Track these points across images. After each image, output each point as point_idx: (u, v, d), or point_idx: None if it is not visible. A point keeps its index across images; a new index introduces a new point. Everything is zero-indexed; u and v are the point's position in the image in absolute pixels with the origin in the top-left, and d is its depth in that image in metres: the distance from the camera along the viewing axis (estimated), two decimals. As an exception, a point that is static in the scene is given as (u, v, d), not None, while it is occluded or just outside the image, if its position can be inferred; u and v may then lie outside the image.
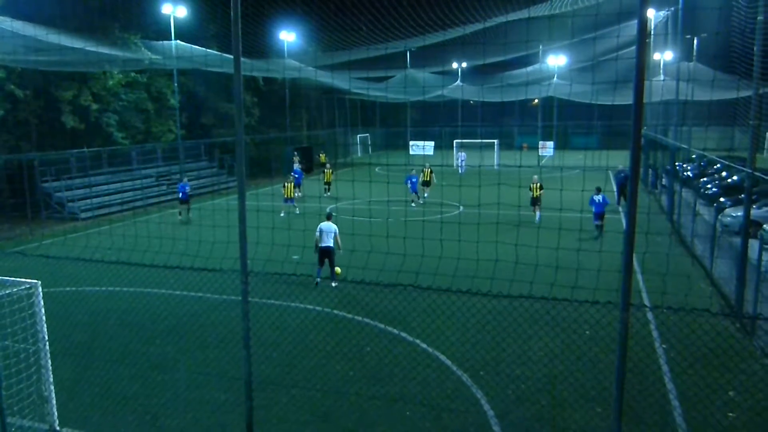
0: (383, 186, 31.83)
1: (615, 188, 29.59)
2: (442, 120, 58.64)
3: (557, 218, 16.45)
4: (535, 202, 22.09)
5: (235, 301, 12.21)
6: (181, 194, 24.66)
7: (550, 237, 16.54)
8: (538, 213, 21.68)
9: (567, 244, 16.15)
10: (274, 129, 44.63)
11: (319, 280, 14.62)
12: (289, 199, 24.38)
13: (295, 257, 15.91)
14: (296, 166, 34.52)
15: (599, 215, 19.62)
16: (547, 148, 52.55)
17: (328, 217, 15.96)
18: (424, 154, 49.04)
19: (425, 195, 28.34)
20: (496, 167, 42.54)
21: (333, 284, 14.51)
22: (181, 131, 33.47)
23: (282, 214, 22.44)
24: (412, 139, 57.25)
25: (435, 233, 10.06)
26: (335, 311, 12.58)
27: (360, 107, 60.55)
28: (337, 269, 14.83)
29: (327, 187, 30.70)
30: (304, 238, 10.02)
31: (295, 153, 38.96)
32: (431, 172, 29.36)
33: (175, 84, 32.14)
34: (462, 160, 42.48)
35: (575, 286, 8.73)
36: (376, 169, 45.85)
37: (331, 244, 15.09)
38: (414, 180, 28.87)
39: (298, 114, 49.49)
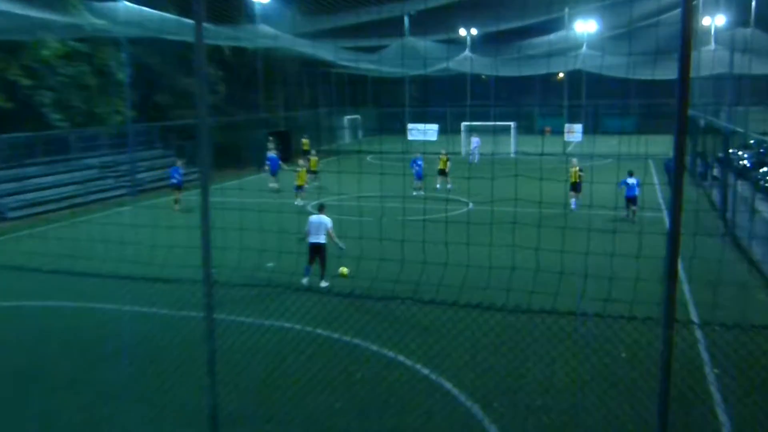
0: (376, 178, 31.62)
1: (666, 179, 29.61)
2: (448, 99, 58.69)
3: (586, 217, 16.50)
4: (575, 188, 23.92)
5: (197, 318, 12.18)
6: (174, 180, 27.27)
7: (577, 239, 16.57)
8: (573, 200, 23.13)
9: (598, 247, 16.18)
10: (244, 110, 44.57)
11: (305, 280, 14.90)
12: (299, 187, 27.46)
13: (269, 264, 15.88)
14: (271, 152, 34.69)
15: (632, 199, 20.74)
16: (574, 133, 52.71)
17: (320, 209, 16.31)
18: (425, 140, 49.14)
19: (448, 186, 30.15)
20: (512, 155, 42.64)
21: (322, 284, 14.86)
22: (130, 112, 33.36)
23: (298, 202, 26.49)
24: (410, 122, 57.26)
25: (439, 235, 10.07)
26: (318, 330, 12.57)
27: (348, 83, 60.57)
28: (344, 269, 15.15)
29: (313, 176, 31.57)
30: (281, 241, 10.02)
31: (270, 138, 38.94)
32: (447, 159, 30.46)
33: (124, 55, 32.04)
34: (475, 147, 42.64)
35: (608, 298, 8.76)
36: (368, 158, 45.80)
37: (323, 241, 15.54)
38: (420, 163, 30.32)
39: (274, 92, 49.42)
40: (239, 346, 11.38)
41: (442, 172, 30.68)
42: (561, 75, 61.40)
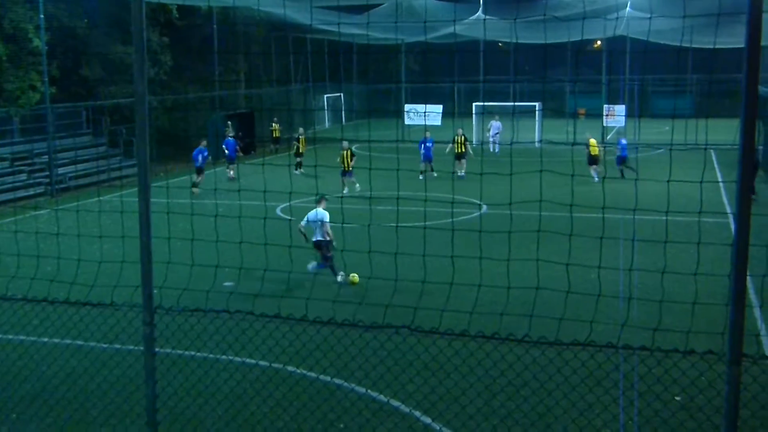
0: (363, 173, 31.77)
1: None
2: (455, 72, 58.77)
3: (630, 222, 16.56)
4: (594, 160, 26.50)
5: (135, 353, 12.15)
6: (200, 160, 31.64)
7: (619, 252, 16.63)
8: (594, 172, 25.54)
9: (646, 262, 16.26)
10: (196, 86, 44.55)
11: (311, 266, 17.95)
12: (347, 172, 30.85)
13: (227, 284, 15.84)
14: (229, 135, 35.03)
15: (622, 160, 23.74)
16: (615, 116, 52.94)
17: (319, 202, 17.24)
18: (426, 124, 49.26)
19: (461, 173, 33.31)
20: (537, 144, 42.79)
21: (338, 278, 16.06)
22: (50, 89, 33.27)
23: (345, 191, 29.38)
24: (408, 102, 57.37)
25: (443, 246, 10.06)
26: (290, 367, 12.54)
27: (328, 53, 60.62)
28: (354, 277, 16.10)
29: (298, 162, 33.40)
30: (241, 253, 9.99)
31: (229, 123, 38.97)
32: (465, 140, 32.35)
33: (41, 16, 31.97)
34: (495, 134, 42.92)
35: (659, 327, 8.77)
36: (353, 148, 45.86)
37: (320, 237, 16.74)
38: (429, 144, 32.09)
39: (233, 63, 49.44)
40: (188, 389, 11.35)
41: (460, 156, 33.87)
42: (599, 43, 61.62)
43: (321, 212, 17.81)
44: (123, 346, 12.87)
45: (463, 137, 34.43)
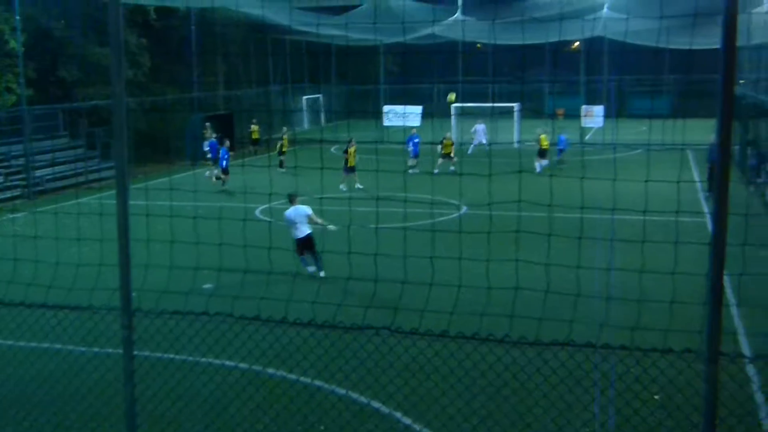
0: (341, 175, 31.86)
1: (707, 171, 30.01)
2: (434, 73, 58.90)
3: (608, 223, 16.64)
4: (542, 154, 29.42)
5: (114, 356, 12.06)
6: (222, 161, 32.41)
7: (598, 252, 16.68)
8: (538, 164, 27.81)
9: (624, 261, 16.33)
10: (174, 88, 44.37)
11: (311, 269, 18.05)
12: (349, 169, 31.19)
13: (206, 286, 15.78)
14: (211, 137, 34.97)
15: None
16: (593, 116, 53.21)
17: (292, 200, 17.21)
18: (405, 126, 49.28)
19: (451, 168, 35.67)
20: (516, 145, 42.89)
21: (321, 274, 16.23)
22: (26, 91, 33.01)
23: (341, 187, 30.31)
24: (387, 103, 57.39)
25: (423, 247, 10.08)
26: (270, 370, 12.50)
27: (307, 54, 60.56)
28: (452, 95, 17.09)
29: (281, 160, 34.16)
30: (221, 255, 9.96)
31: (207, 124, 38.81)
32: (452, 144, 34.00)
33: (17, 17, 31.72)
34: (480, 136, 43.32)
35: (637, 326, 8.81)
36: (332, 149, 45.70)
37: (308, 231, 16.98)
38: (417, 141, 36.95)
39: (211, 65, 49.26)
40: (167, 392, 11.29)
41: (447, 156, 36.00)
42: (577, 44, 61.95)
43: (302, 207, 17.94)
44: (101, 349, 12.77)
45: (451, 141, 36.71)
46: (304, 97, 60.38)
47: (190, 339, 12.76)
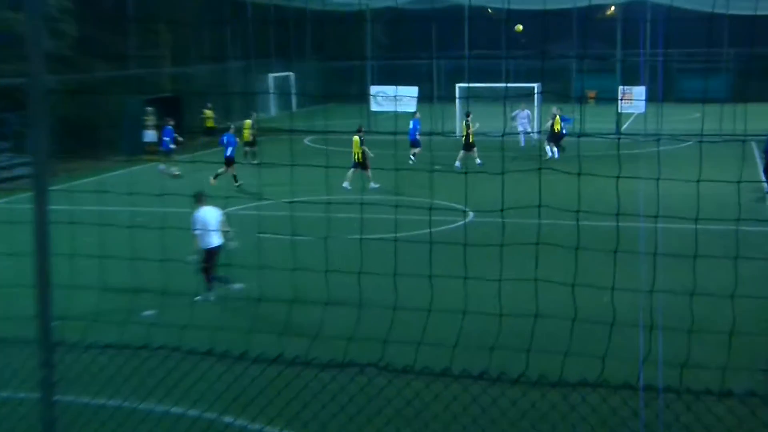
0: (319, 174, 31.37)
1: (761, 168, 30.13)
2: (433, 46, 58.95)
3: (652, 233, 16.64)
4: (555, 138, 30.38)
5: (28, 401, 12.01)
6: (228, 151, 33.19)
7: (637, 268, 16.68)
8: (548, 148, 28.60)
9: (671, 281, 16.36)
10: (107, 63, 44.28)
11: (237, 287, 17.26)
12: (358, 164, 32.42)
13: (147, 313, 15.74)
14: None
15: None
16: (632, 100, 53.36)
17: (199, 200, 17.10)
18: (397, 111, 49.29)
19: (477, 161, 37.09)
20: (535, 135, 43.03)
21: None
22: None
23: (345, 185, 31.57)
24: (375, 83, 57.43)
25: (419, 263, 10.06)
26: (228, 418, 12.47)
27: (275, 23, 60.56)
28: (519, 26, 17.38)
29: (248, 149, 34.80)
30: (165, 273, 9.94)
31: (149, 109, 38.80)
32: (470, 126, 37.68)
33: None
34: (524, 123, 43.81)
35: (687, 363, 8.84)
36: (306, 141, 45.61)
37: (222, 240, 16.81)
38: (418, 126, 38.85)
39: (154, 35, 49.18)
40: (98, 447, 11.26)
41: (469, 147, 37.11)
42: (612, 9, 62.14)
43: (212, 210, 17.98)
44: (13, 393, 12.72)
45: (470, 123, 38.02)
46: (271, 76, 60.38)
47: (127, 379, 12.74)
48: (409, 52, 63.53)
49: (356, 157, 31.40)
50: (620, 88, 53.28)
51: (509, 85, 52.26)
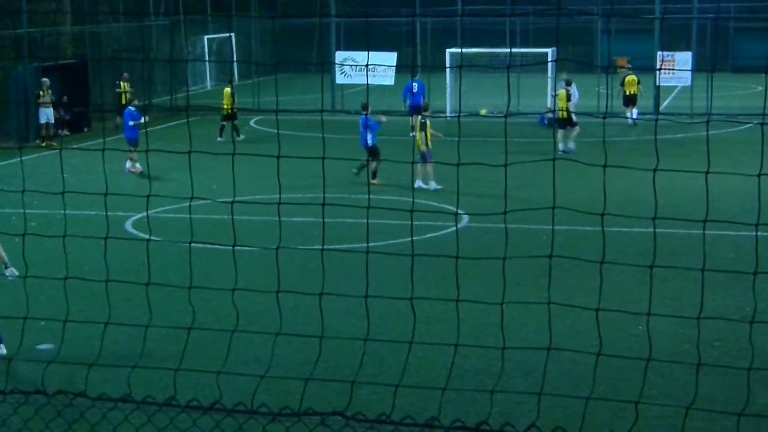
0: (267, 165, 31.10)
1: None
2: (417, 1, 59.06)
3: (698, 239, 16.67)
4: (631, 101, 30.50)
5: None
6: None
7: (677, 286, 16.69)
8: (630, 113, 29.12)
9: (724, 303, 16.35)
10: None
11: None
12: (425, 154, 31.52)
13: (43, 347, 15.70)
14: (132, 107, 34.98)
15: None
16: (674, 70, 53.31)
17: None
18: (372, 84, 49.16)
19: (564, 146, 36.30)
20: (547, 118, 43.09)
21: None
22: None
23: (354, 169, 31.59)
24: (341, 48, 57.34)
25: (399, 282, 10.03)
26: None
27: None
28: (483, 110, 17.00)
29: (225, 123, 38.45)
30: (66, 296, 9.90)
31: (44, 80, 38.65)
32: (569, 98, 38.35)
33: None
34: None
35: (746, 410, 8.87)
36: (251, 123, 45.29)
37: None
38: (418, 87, 39.80)
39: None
40: None
41: (566, 121, 36.62)
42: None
43: None
44: None
45: (565, 91, 38.78)
46: (206, 38, 60.33)
47: (17, 433, 12.69)
48: (385, 7, 63.70)
49: (421, 144, 30.85)
50: (659, 54, 53.25)
51: (516, 50, 52.24)
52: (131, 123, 32.87)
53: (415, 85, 40.04)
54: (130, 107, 33.55)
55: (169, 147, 30.71)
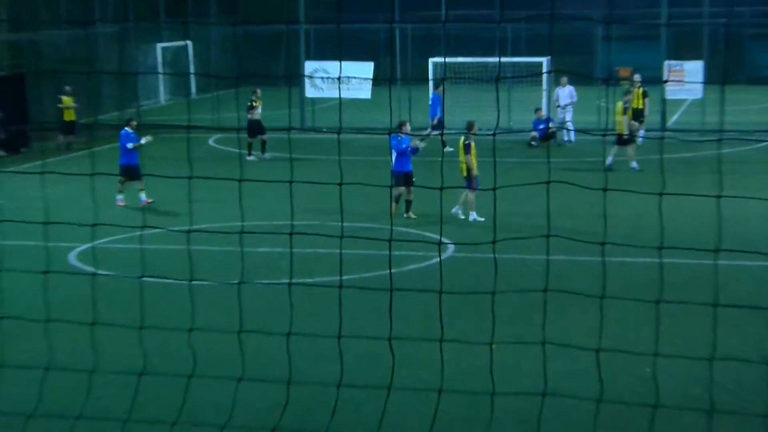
0: (228, 190, 31.18)
1: None
2: (396, 6, 59.21)
3: (710, 270, 16.66)
4: (638, 115, 31.85)
5: None
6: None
7: (684, 322, 16.74)
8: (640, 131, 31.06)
9: (743, 345, 16.39)
10: None
11: None
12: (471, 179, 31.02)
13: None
14: (128, 128, 34.82)
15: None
16: (683, 81, 53.44)
17: None
18: (347, 98, 49.24)
19: (633, 164, 36.01)
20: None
21: None
22: None
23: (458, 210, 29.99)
24: (311, 58, 57.44)
25: (377, 319, 10.03)
26: None
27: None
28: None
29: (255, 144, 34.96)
30: (2, 335, 9.91)
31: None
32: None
33: None
34: (569, 105, 43.64)
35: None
36: (210, 142, 45.26)
37: None
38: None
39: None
40: None
41: (626, 139, 36.91)
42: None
43: None
44: None
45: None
46: (160, 47, 60.37)
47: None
48: (360, 12, 63.84)
49: (466, 169, 30.40)
50: (666, 63, 53.44)
51: (506, 59, 52.31)
52: (129, 146, 31.69)
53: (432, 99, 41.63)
54: (126, 128, 32.60)
55: (115, 170, 30.80)
